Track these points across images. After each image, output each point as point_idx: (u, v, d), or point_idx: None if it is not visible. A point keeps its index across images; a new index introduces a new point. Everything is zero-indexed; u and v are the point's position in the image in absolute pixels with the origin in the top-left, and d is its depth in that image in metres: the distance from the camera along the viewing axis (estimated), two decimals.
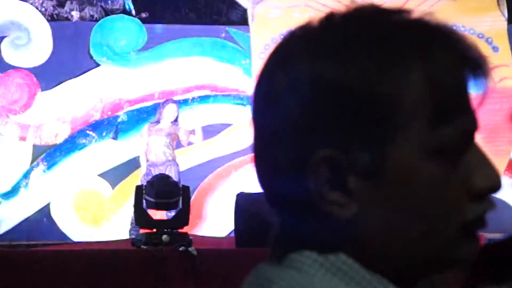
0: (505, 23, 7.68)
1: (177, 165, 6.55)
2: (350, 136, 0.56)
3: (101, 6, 8.11)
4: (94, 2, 8.14)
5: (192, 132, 6.74)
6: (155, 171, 6.21)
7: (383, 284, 0.58)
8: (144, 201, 4.18)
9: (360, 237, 0.57)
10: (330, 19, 0.60)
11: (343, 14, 0.60)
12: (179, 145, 6.74)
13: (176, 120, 6.62)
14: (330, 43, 0.58)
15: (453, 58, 0.57)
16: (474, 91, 0.58)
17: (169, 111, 6.59)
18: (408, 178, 0.56)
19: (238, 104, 7.67)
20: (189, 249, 3.58)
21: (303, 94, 0.57)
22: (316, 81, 0.57)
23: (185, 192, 4.32)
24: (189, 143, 6.80)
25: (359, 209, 0.57)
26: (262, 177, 0.63)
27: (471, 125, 0.58)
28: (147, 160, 6.58)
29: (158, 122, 6.62)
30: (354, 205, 0.57)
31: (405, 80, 0.56)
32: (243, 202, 4.27)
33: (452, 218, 0.57)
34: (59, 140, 7.44)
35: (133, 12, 8.02)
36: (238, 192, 4.45)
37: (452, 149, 0.57)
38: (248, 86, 7.64)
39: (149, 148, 6.55)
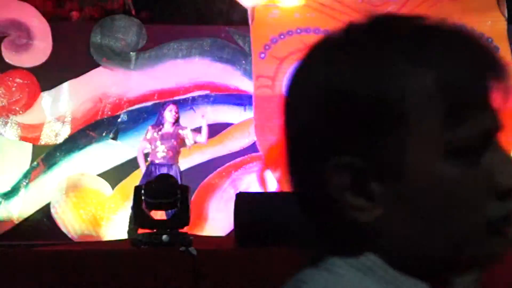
0: (505, 23, 7.68)
1: (178, 167, 6.52)
2: (368, 142, 0.57)
3: (101, 6, 8.11)
4: (94, 2, 8.14)
5: (198, 131, 6.69)
6: (157, 171, 6.23)
7: (414, 284, 0.59)
8: (143, 201, 4.18)
9: (383, 239, 0.59)
10: (347, 30, 0.62)
11: (360, 23, 0.61)
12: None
13: (177, 121, 6.59)
14: (344, 52, 0.59)
15: (465, 59, 0.58)
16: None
17: (169, 113, 6.56)
18: (427, 179, 0.57)
19: (238, 104, 7.67)
20: (189, 249, 3.59)
21: (318, 103, 0.59)
22: (331, 90, 0.58)
23: (184, 192, 4.32)
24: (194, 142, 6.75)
25: (382, 212, 0.58)
26: (291, 182, 0.64)
27: (491, 124, 0.59)
28: (148, 160, 6.57)
29: (160, 125, 6.58)
30: (376, 209, 0.58)
31: (416, 84, 0.57)
32: (243, 202, 4.27)
33: (474, 217, 0.58)
34: (59, 140, 7.44)
35: (133, 12, 8.01)
36: (238, 192, 4.46)
37: (470, 149, 0.57)
38: (248, 86, 7.63)
39: (152, 151, 6.51)
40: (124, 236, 6.24)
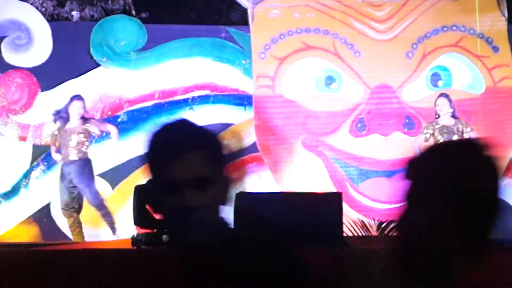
0: (505, 23, 7.68)
1: (90, 161, 6.71)
2: None
3: (101, 6, 8.12)
4: (94, 2, 8.15)
5: (102, 123, 6.86)
6: (67, 169, 6.59)
7: None
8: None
9: None
10: None
11: None
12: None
13: (83, 117, 6.76)
14: None
15: None
16: (473, 91, 0.59)
17: (74, 108, 6.72)
18: None
19: (238, 104, 7.66)
20: None
21: None
22: None
23: None
24: (106, 133, 6.93)
25: None
26: None
27: None
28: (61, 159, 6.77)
29: (67, 120, 6.72)
30: None
31: None
32: (243, 202, 4.27)
33: None
34: None
35: (133, 12, 8.02)
36: (238, 192, 4.45)
37: None
38: (248, 86, 7.63)
39: (61, 148, 6.71)
40: (124, 236, 6.23)
